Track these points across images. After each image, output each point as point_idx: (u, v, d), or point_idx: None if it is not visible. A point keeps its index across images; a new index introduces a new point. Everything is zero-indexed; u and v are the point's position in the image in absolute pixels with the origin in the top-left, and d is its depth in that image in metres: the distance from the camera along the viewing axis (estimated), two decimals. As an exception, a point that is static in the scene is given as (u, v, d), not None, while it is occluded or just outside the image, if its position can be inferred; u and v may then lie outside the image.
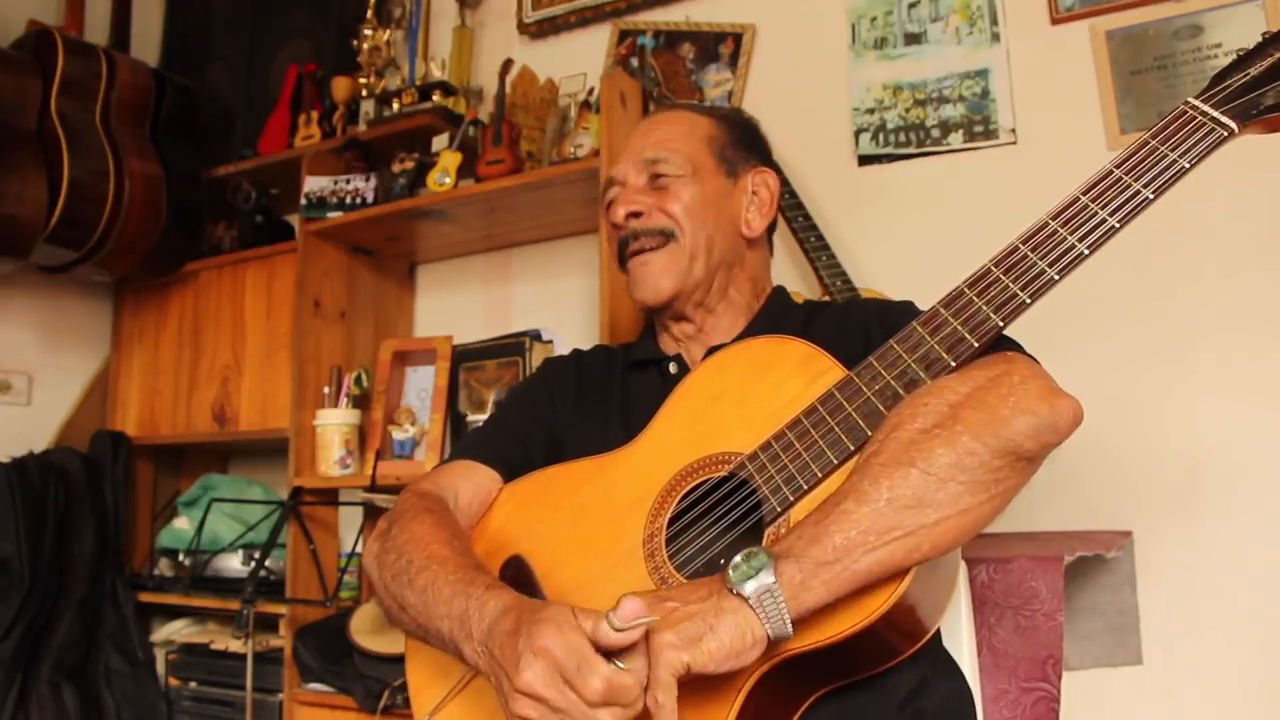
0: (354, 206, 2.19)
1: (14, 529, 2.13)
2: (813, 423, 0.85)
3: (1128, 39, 1.83)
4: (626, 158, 1.20)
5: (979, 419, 0.77)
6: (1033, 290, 0.82)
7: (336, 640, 2.00)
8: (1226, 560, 1.65)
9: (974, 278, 0.85)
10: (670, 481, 0.93)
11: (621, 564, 0.91)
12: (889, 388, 0.83)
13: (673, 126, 1.20)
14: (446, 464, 1.15)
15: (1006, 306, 0.82)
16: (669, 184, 1.15)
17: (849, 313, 1.12)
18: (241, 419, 2.33)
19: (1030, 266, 0.83)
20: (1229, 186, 1.73)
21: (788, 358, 0.92)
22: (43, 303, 2.50)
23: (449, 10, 2.46)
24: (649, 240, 1.14)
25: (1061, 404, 0.79)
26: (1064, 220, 0.84)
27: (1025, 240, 0.84)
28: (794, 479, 0.84)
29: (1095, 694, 1.70)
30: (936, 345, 0.83)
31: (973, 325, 0.83)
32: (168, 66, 2.69)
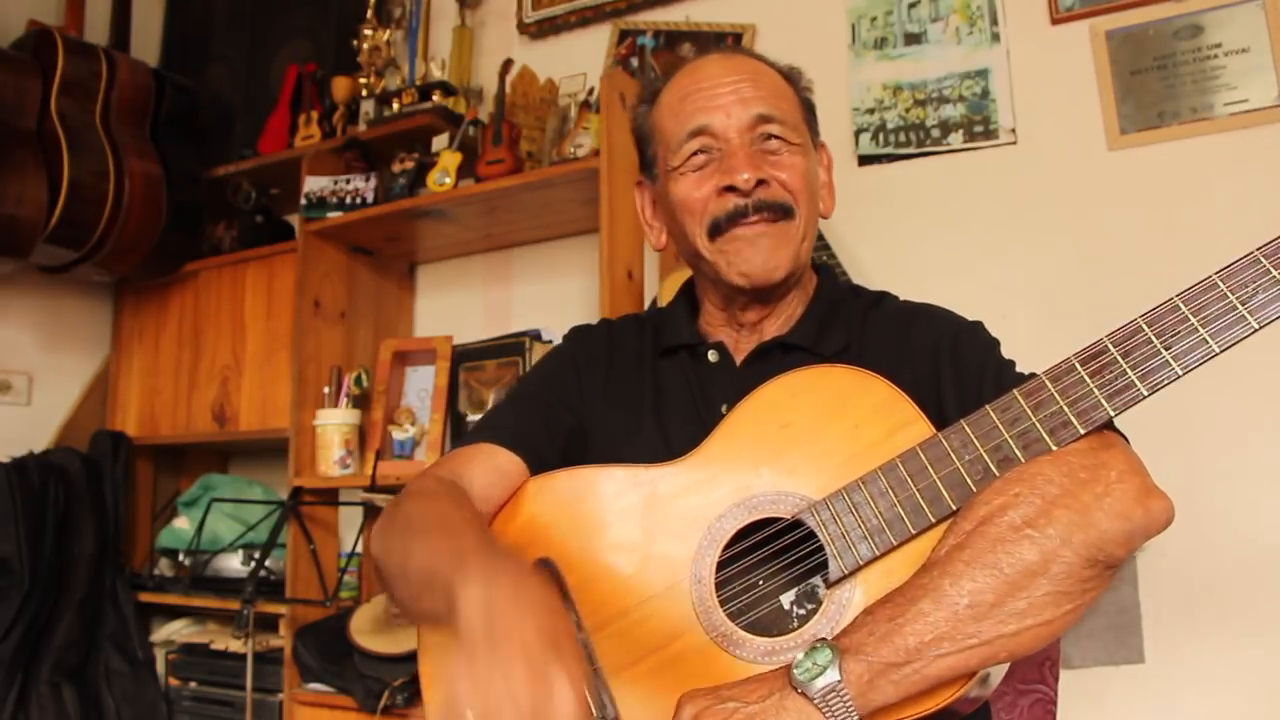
0: (354, 206, 2.19)
1: (14, 529, 2.13)
2: (892, 482, 0.79)
3: (1128, 39, 1.83)
4: (717, 101, 1.00)
5: (1071, 520, 0.72)
6: (1152, 384, 0.75)
7: (336, 640, 2.00)
8: (1228, 559, 1.65)
9: (1088, 354, 0.77)
10: (725, 512, 0.87)
11: (666, 596, 0.86)
12: (980, 461, 0.77)
13: (768, 80, 1.03)
14: (466, 447, 1.03)
15: (1121, 396, 0.76)
16: (783, 152, 1.00)
17: (913, 325, 1.02)
18: (241, 419, 2.33)
19: (1152, 355, 0.75)
20: (1229, 186, 1.73)
21: (868, 398, 0.85)
22: (43, 303, 2.50)
23: (449, 10, 2.45)
24: (766, 215, 0.99)
25: (1156, 508, 0.75)
26: (1197, 309, 0.75)
27: (1151, 323, 0.76)
28: (867, 541, 0.79)
29: (1096, 692, 1.70)
30: (1038, 424, 0.77)
31: (1080, 409, 0.76)
32: (168, 66, 2.69)
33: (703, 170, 1.01)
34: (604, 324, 1.19)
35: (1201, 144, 1.76)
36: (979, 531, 0.74)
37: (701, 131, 1.00)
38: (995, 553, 0.72)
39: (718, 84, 1.01)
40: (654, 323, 1.16)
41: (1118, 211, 1.81)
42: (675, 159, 1.02)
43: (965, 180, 1.94)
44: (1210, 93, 1.76)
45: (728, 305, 1.07)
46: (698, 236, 1.02)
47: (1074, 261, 1.83)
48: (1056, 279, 1.84)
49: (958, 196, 1.94)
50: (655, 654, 0.84)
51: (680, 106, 1.02)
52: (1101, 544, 0.73)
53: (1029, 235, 1.87)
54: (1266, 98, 1.72)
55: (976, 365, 0.93)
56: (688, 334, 1.09)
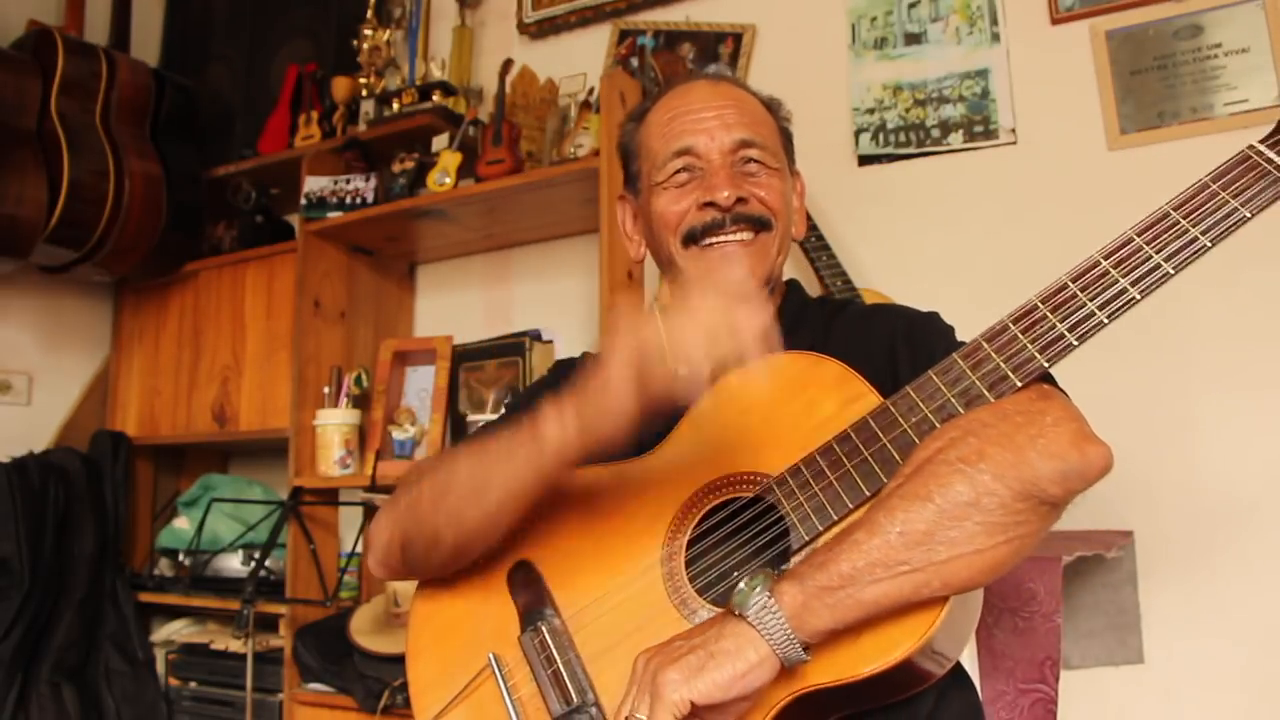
0: (354, 206, 2.19)
1: (14, 529, 2.13)
2: (845, 451, 0.83)
3: (1128, 39, 1.83)
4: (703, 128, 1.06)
5: (1004, 458, 0.75)
6: (1080, 332, 0.80)
7: (336, 640, 2.00)
8: (1228, 559, 1.65)
9: (1019, 313, 0.83)
10: (691, 497, 0.91)
11: (639, 581, 0.89)
12: (926, 420, 0.81)
13: (754, 109, 1.11)
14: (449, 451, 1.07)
15: (1052, 347, 0.80)
16: (760, 172, 1.06)
17: (872, 321, 1.07)
18: (241, 419, 2.34)
19: (1079, 307, 0.81)
20: (1229, 187, 1.73)
21: (821, 377, 0.89)
22: (43, 303, 2.50)
23: (449, 10, 2.46)
24: (742, 229, 1.05)
25: (1092, 451, 0.77)
26: (1116, 261, 0.82)
27: (1075, 278, 0.83)
28: (824, 509, 0.82)
29: (1096, 692, 1.70)
30: (977, 381, 0.81)
31: (1016, 364, 0.80)
32: (168, 66, 2.69)
33: (684, 187, 1.06)
34: (585, 357, 1.22)
35: (1201, 144, 1.76)
36: (916, 471, 0.77)
37: (686, 151, 1.06)
38: (928, 486, 0.75)
39: (705, 108, 1.07)
40: None
41: (1118, 211, 1.79)
42: (659, 175, 1.07)
43: (965, 180, 1.94)
44: (1210, 93, 1.76)
45: None
46: (672, 244, 1.07)
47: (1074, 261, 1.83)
48: (1056, 279, 1.84)
49: (958, 196, 1.94)
50: (630, 637, 0.86)
51: (668, 127, 1.08)
52: (1035, 480, 0.75)
53: (1029, 235, 1.87)
54: (1266, 98, 1.72)
55: (929, 346, 0.95)
56: None
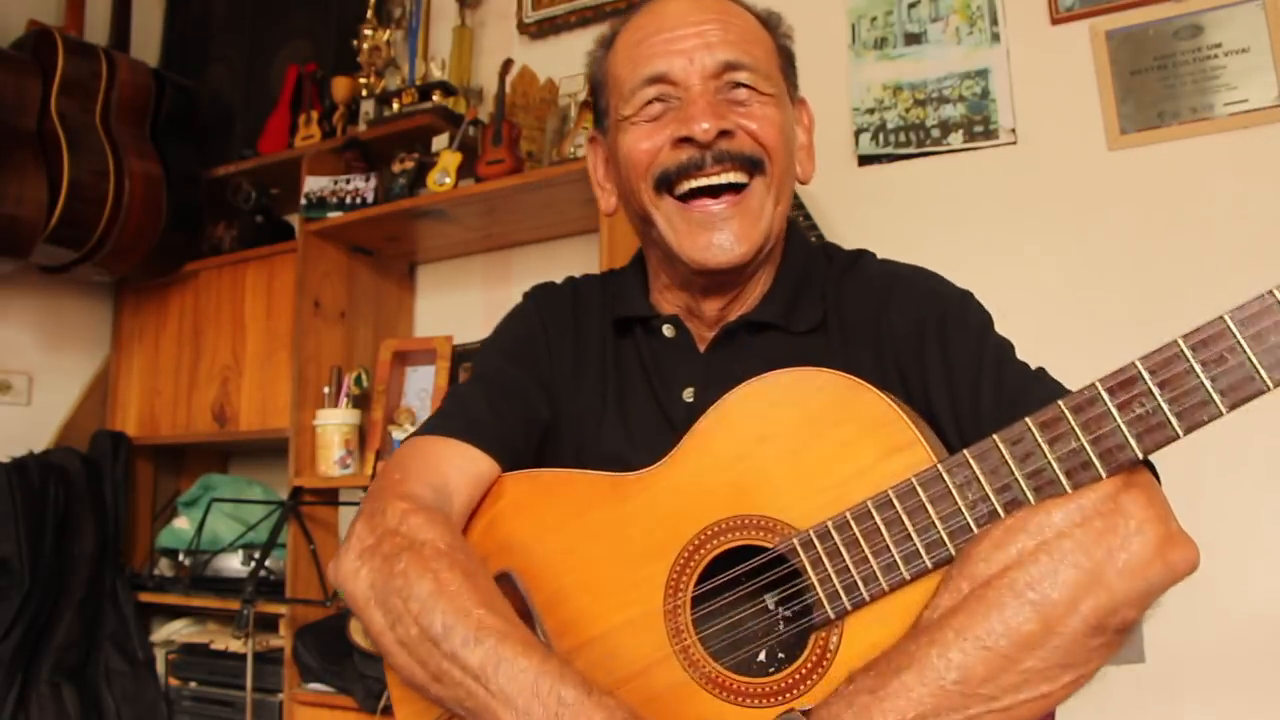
0: (354, 206, 2.19)
1: (14, 529, 2.13)
2: (885, 520, 0.71)
3: (1128, 39, 1.83)
4: (680, 49, 0.88)
5: (1079, 582, 0.64)
6: (1189, 422, 0.63)
7: (336, 640, 2.00)
8: (1228, 559, 1.65)
9: (1117, 381, 0.65)
10: (701, 534, 0.80)
11: (639, 623, 0.81)
12: (986, 502, 0.68)
13: (744, 24, 0.92)
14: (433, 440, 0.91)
15: (1153, 435, 0.64)
16: (753, 103, 0.88)
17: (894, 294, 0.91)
18: (241, 419, 2.33)
19: (1194, 388, 0.62)
20: (1229, 186, 1.73)
21: (858, 412, 0.76)
22: (43, 303, 2.50)
23: (449, 10, 2.45)
24: (731, 170, 0.87)
25: (1177, 559, 0.66)
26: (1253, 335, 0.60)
27: (1194, 345, 0.62)
28: (856, 588, 0.72)
29: (1096, 692, 1.70)
30: (1053, 464, 0.67)
31: (1104, 448, 0.65)
32: (168, 66, 2.69)
33: (657, 120, 0.89)
34: (569, 285, 1.07)
35: (1201, 144, 1.76)
36: (975, 594, 0.66)
37: (659, 78, 0.88)
38: (990, 620, 0.65)
39: (681, 25, 0.89)
40: (612, 288, 1.04)
41: (1118, 211, 1.81)
42: (628, 107, 0.90)
43: (965, 180, 1.94)
44: (1210, 93, 1.76)
45: (685, 287, 0.95)
46: (644, 191, 0.90)
47: (1074, 261, 1.83)
48: (1056, 279, 1.84)
49: (958, 196, 1.94)
50: (627, 684, 0.80)
51: (637, 50, 0.91)
52: (1113, 608, 0.65)
53: (1029, 235, 1.87)
54: (1266, 98, 1.72)
55: (970, 358, 0.84)
56: (640, 305, 0.98)
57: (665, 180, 0.89)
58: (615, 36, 0.97)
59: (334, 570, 0.84)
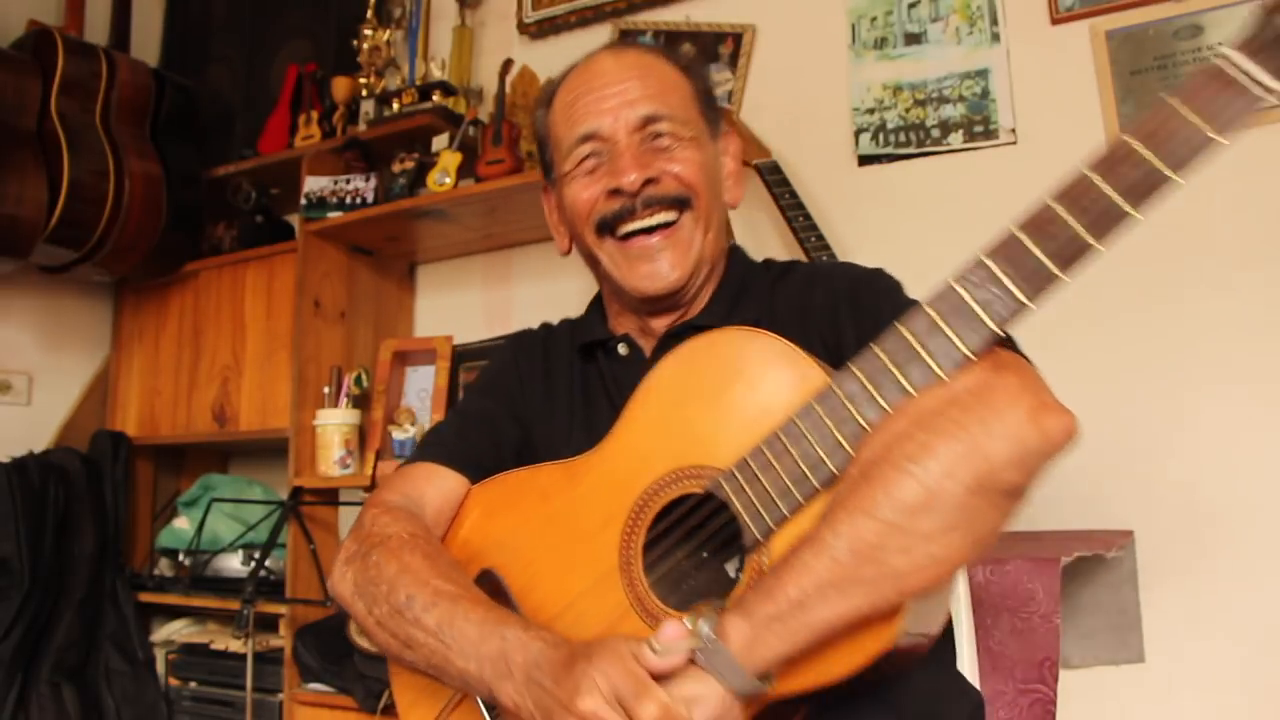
0: (354, 206, 2.19)
1: (14, 529, 2.13)
2: (790, 440, 0.77)
3: (1128, 39, 1.83)
4: (604, 106, 1.00)
5: (954, 450, 0.69)
6: (1034, 288, 0.69)
7: (336, 640, 2.00)
8: (1228, 559, 1.65)
9: (965, 272, 0.73)
10: (644, 495, 0.87)
11: (598, 585, 0.88)
12: (873, 402, 0.74)
13: (657, 76, 1.02)
14: (411, 465, 1.05)
15: (1007, 309, 0.70)
16: (674, 148, 1.00)
17: (814, 284, 1.01)
18: (241, 419, 2.34)
19: (1032, 262, 0.69)
20: (1229, 186, 1.73)
21: (759, 356, 0.84)
22: (43, 303, 2.50)
23: (449, 10, 2.45)
24: (660, 212, 0.98)
25: (1051, 423, 0.69)
26: (1069, 203, 0.69)
27: (1024, 227, 0.70)
28: (774, 505, 0.78)
29: (1097, 692, 1.70)
30: (925, 354, 0.73)
31: (968, 331, 0.71)
32: (168, 66, 2.69)
33: (593, 174, 1.02)
34: (543, 329, 1.19)
35: (1201, 144, 1.76)
36: (861, 475, 0.72)
37: (590, 136, 1.01)
38: (874, 494, 0.70)
39: (606, 85, 1.01)
40: (578, 323, 1.17)
41: (1118, 211, 1.81)
42: (567, 164, 1.03)
43: (965, 180, 1.94)
44: (1210, 93, 1.76)
45: (635, 311, 1.07)
46: (588, 235, 1.03)
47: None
48: (1056, 279, 1.84)
49: (958, 196, 1.94)
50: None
51: (570, 110, 1.03)
52: (990, 470, 0.69)
53: (1029, 235, 1.87)
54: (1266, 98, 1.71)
55: (875, 308, 0.91)
56: (599, 331, 1.10)
57: (605, 225, 1.01)
58: (553, 96, 1.08)
59: (331, 585, 0.97)
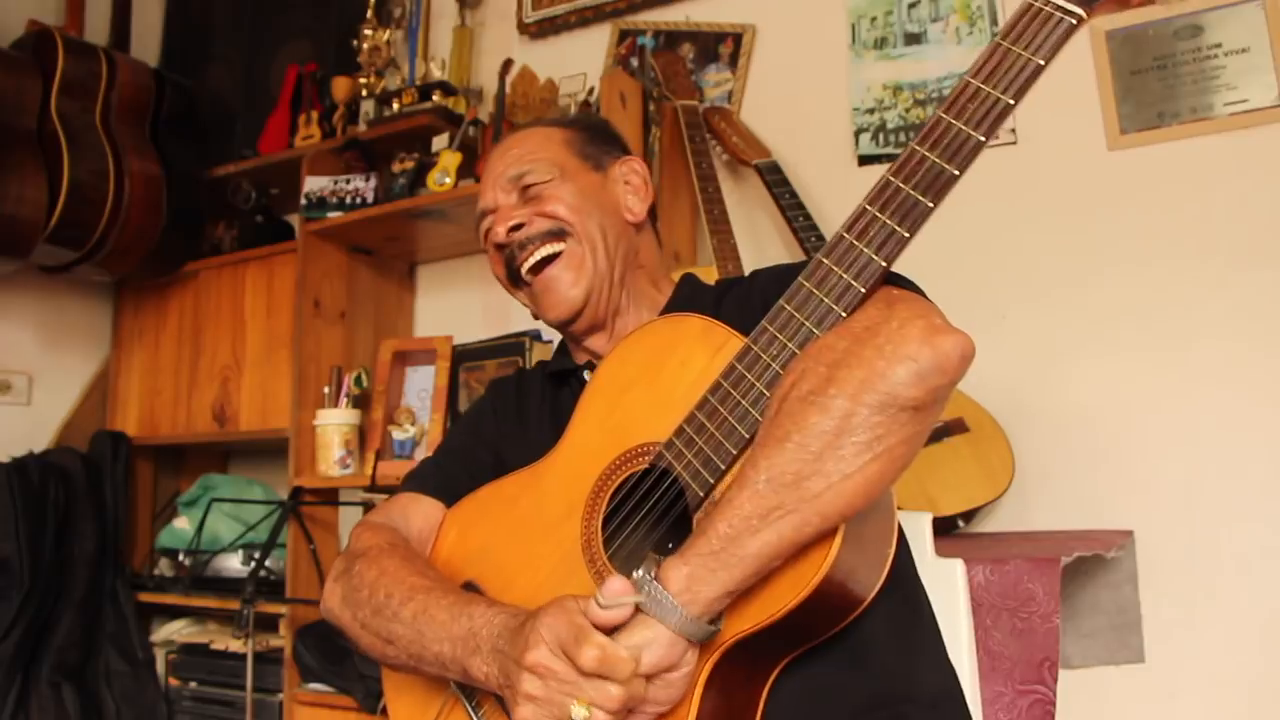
0: (354, 206, 2.19)
1: (14, 529, 2.13)
2: (719, 399, 0.83)
3: (1128, 39, 1.83)
4: (488, 185, 1.15)
5: (854, 376, 0.73)
6: (911, 222, 0.78)
7: (336, 640, 2.00)
8: (1228, 559, 1.65)
9: (851, 221, 0.80)
10: (598, 481, 0.92)
11: (562, 568, 0.92)
12: (785, 350, 0.80)
13: (527, 142, 1.16)
14: (394, 497, 1.13)
15: (888, 244, 0.78)
16: (541, 190, 1.10)
17: (753, 283, 1.08)
18: (241, 419, 2.34)
19: (904, 199, 0.78)
20: (1229, 186, 1.73)
21: (686, 333, 0.91)
22: (43, 303, 2.50)
23: (449, 10, 2.46)
24: (542, 244, 1.09)
25: (943, 342, 0.73)
26: (931, 143, 0.79)
27: (896, 172, 0.79)
28: (710, 461, 0.82)
29: (1097, 692, 1.70)
30: (825, 298, 0.80)
31: (857, 270, 0.79)
32: (168, 66, 2.69)
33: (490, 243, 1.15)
34: (518, 374, 1.30)
35: (1201, 144, 1.76)
36: (776, 413, 0.76)
37: (485, 212, 1.14)
38: (784, 425, 0.74)
39: (492, 166, 1.15)
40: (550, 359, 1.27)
41: (1118, 211, 1.81)
42: (482, 241, 1.15)
43: (965, 180, 1.93)
44: (1210, 93, 1.76)
45: (573, 340, 1.18)
46: (512, 293, 1.16)
47: (1074, 261, 1.83)
48: (1056, 279, 1.84)
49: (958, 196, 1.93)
50: None
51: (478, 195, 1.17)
52: (890, 390, 0.72)
53: (1029, 235, 1.87)
54: (1266, 98, 1.72)
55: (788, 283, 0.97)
56: (565, 361, 1.19)
57: (512, 278, 1.13)
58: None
59: (323, 605, 1.02)
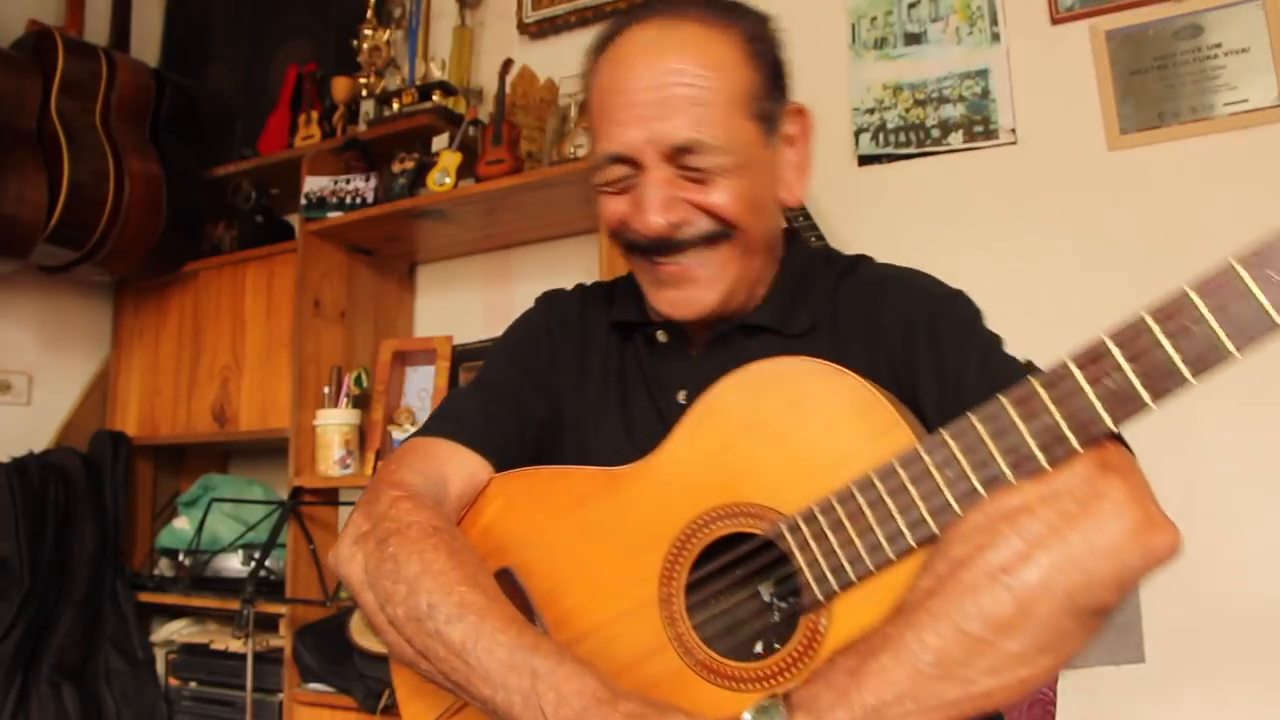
0: (354, 206, 2.19)
1: (14, 529, 2.13)
2: (869, 501, 0.72)
3: (1128, 39, 1.83)
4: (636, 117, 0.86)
5: (1053, 564, 0.64)
6: (1160, 388, 0.63)
7: (336, 640, 2.00)
8: (1228, 559, 1.65)
9: (1087, 356, 0.66)
10: (693, 524, 0.81)
11: (635, 614, 0.82)
12: (964, 480, 0.69)
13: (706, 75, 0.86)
14: (430, 440, 0.95)
15: (1123, 406, 0.64)
16: (712, 177, 0.87)
17: (886, 294, 0.92)
18: (241, 419, 2.34)
19: (1159, 355, 0.63)
20: (1229, 186, 1.73)
21: (840, 396, 0.77)
22: (43, 303, 2.50)
23: (449, 10, 2.45)
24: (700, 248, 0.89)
25: (1158, 541, 0.66)
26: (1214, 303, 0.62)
27: (1157, 314, 0.64)
28: (842, 569, 0.73)
29: (1096, 692, 1.70)
30: (1028, 439, 0.67)
31: (1077, 421, 0.65)
32: (168, 66, 2.69)
33: (624, 194, 0.91)
34: (579, 290, 1.09)
35: (1201, 144, 1.76)
36: (952, 576, 0.67)
37: (619, 159, 0.88)
38: (964, 603, 0.65)
39: (639, 92, 0.86)
40: (616, 293, 1.06)
41: (1118, 211, 1.81)
42: (597, 177, 0.92)
43: (965, 180, 1.94)
44: (1210, 93, 1.76)
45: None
46: (617, 245, 0.95)
47: (1074, 261, 1.83)
48: (1056, 279, 1.84)
49: (958, 197, 1.94)
50: (625, 673, 0.80)
51: (603, 115, 0.90)
52: (1089, 589, 0.65)
53: (1029, 235, 1.87)
54: (1266, 98, 1.72)
55: (958, 348, 0.84)
56: (635, 311, 1.00)
57: (631, 247, 0.92)
58: (599, 59, 0.94)
59: (332, 556, 0.87)
